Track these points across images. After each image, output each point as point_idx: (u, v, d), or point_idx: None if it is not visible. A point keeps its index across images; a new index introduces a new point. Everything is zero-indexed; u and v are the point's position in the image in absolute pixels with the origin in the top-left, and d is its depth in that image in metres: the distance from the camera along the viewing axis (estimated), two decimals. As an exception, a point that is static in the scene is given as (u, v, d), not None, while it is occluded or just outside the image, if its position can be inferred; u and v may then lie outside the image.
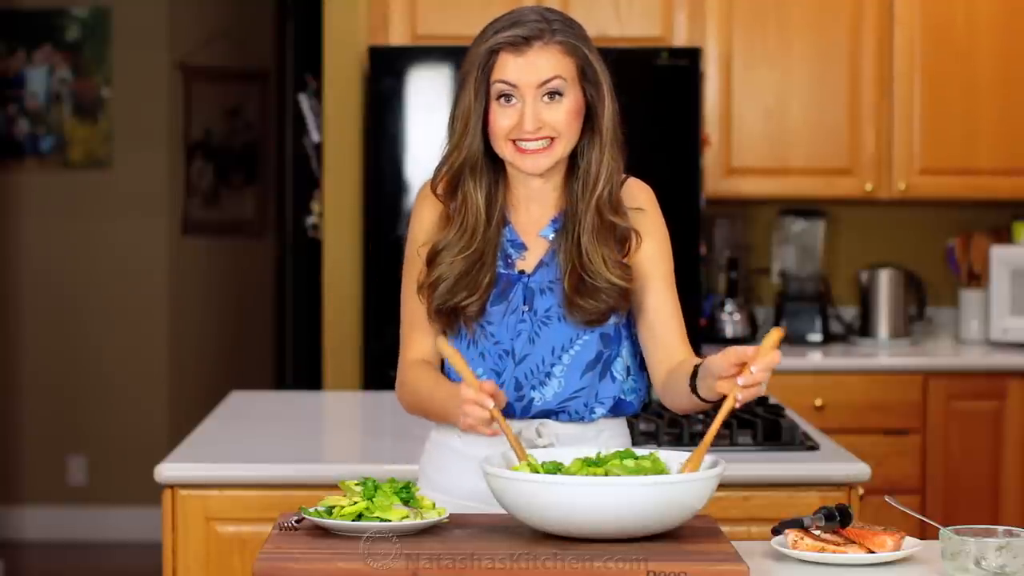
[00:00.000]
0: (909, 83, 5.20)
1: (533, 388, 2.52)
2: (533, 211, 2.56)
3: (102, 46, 6.80)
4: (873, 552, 2.33)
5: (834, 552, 2.32)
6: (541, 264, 2.55)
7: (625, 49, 4.93)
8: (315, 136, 5.36)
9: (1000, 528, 2.27)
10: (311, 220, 5.54)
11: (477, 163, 2.50)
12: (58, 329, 6.81)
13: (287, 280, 6.92)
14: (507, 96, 2.45)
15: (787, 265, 5.48)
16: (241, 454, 3.27)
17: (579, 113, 2.49)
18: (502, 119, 2.46)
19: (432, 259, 2.53)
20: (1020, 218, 5.43)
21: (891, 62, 5.20)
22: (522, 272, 2.55)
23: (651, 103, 4.88)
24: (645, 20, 5.10)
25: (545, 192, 2.56)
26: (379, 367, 4.87)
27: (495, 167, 2.54)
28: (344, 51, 5.12)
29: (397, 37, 5.07)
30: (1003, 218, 5.50)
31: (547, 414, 2.53)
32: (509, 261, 2.55)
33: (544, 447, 2.48)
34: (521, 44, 2.44)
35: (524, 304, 2.53)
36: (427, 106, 4.89)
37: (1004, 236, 5.45)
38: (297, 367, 6.76)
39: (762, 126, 5.21)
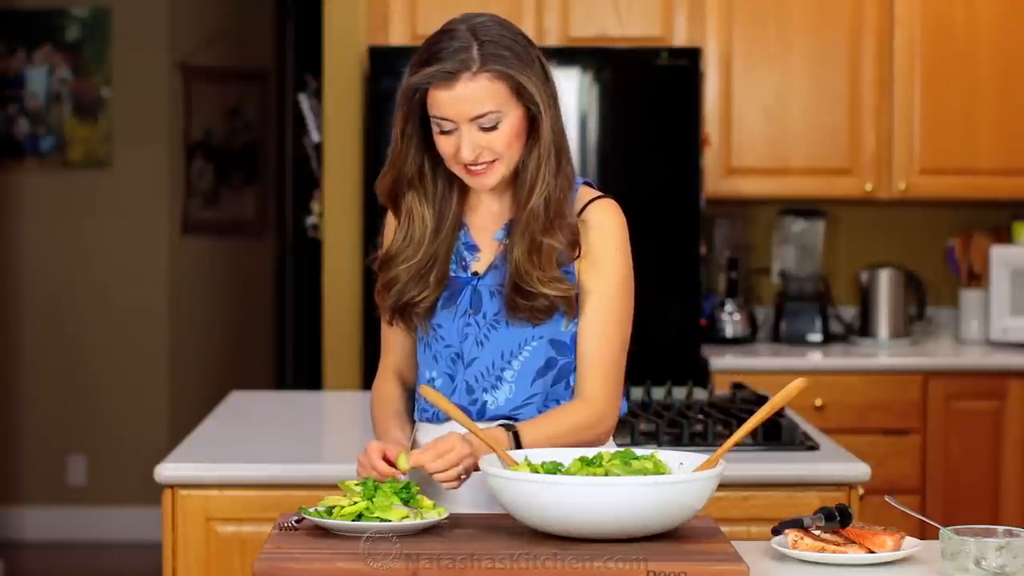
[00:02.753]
0: (909, 83, 5.20)
1: (485, 391, 2.52)
2: (488, 215, 2.58)
3: (102, 46, 6.80)
4: (873, 552, 2.33)
5: (834, 552, 2.32)
6: (493, 266, 2.54)
7: (625, 49, 4.94)
8: (315, 136, 5.36)
9: (1000, 528, 2.27)
10: (311, 220, 5.54)
11: (415, 179, 2.54)
12: (58, 329, 6.81)
13: (287, 280, 6.92)
14: (445, 127, 2.46)
15: (787, 265, 5.48)
16: (241, 454, 3.27)
17: (520, 132, 2.48)
18: (445, 146, 2.47)
19: (386, 263, 2.56)
20: (1020, 218, 5.43)
21: (891, 62, 5.20)
22: (475, 274, 2.55)
23: (651, 103, 4.88)
24: (645, 20, 5.10)
25: (497, 198, 2.57)
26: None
27: (448, 174, 2.54)
28: (344, 51, 5.12)
29: (397, 37, 5.07)
30: (1003, 218, 5.50)
31: (504, 419, 2.52)
32: (464, 263, 2.56)
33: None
34: (448, 79, 2.43)
35: (470, 308, 2.53)
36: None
37: (1004, 236, 5.45)
38: (297, 367, 6.76)
39: (762, 126, 5.21)
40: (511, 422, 2.48)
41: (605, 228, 2.52)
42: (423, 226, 2.54)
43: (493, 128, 2.45)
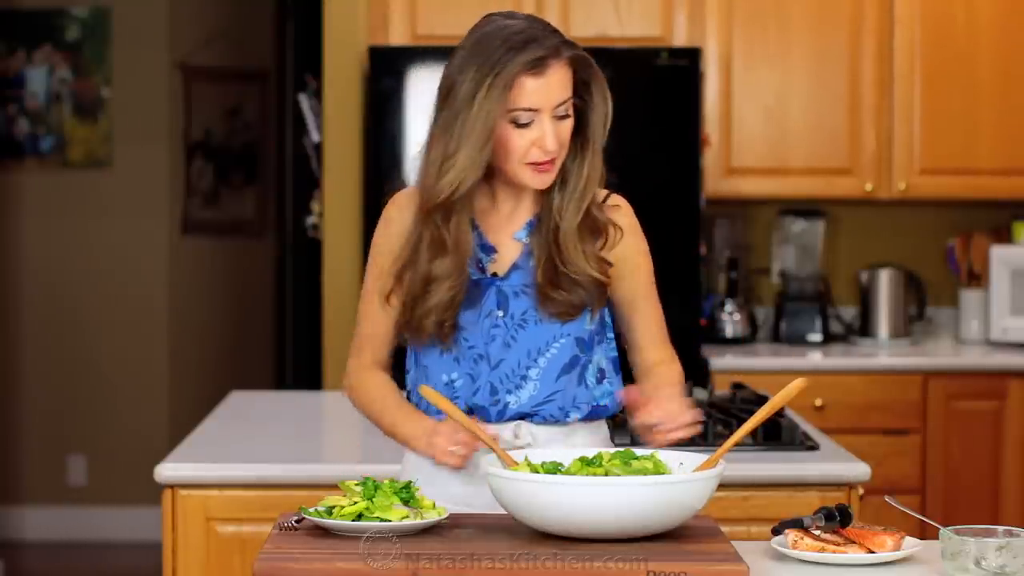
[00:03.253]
0: (909, 83, 5.20)
1: (508, 392, 2.51)
2: (503, 215, 2.53)
3: (102, 46, 6.80)
4: (873, 552, 2.33)
5: (834, 552, 2.32)
6: (515, 267, 2.52)
7: (625, 49, 4.93)
8: (315, 136, 5.36)
9: (1000, 528, 2.27)
10: (311, 220, 5.54)
11: (475, 185, 2.45)
12: (58, 329, 6.81)
13: (287, 280, 6.92)
14: (523, 119, 2.41)
15: (787, 265, 5.48)
16: (241, 454, 3.27)
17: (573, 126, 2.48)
18: (518, 141, 2.41)
19: (430, 285, 2.47)
20: (1020, 218, 5.42)
21: (891, 62, 5.20)
22: (495, 275, 2.52)
23: (651, 103, 4.87)
24: (645, 20, 5.10)
25: (513, 197, 2.53)
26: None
27: None
28: (344, 51, 5.12)
29: (397, 37, 5.07)
30: (1003, 218, 5.50)
31: (522, 417, 2.52)
32: (480, 265, 2.52)
33: (521, 447, 2.48)
34: (540, 66, 2.39)
35: (498, 309, 2.51)
36: (427, 106, 4.86)
37: (1004, 236, 5.45)
38: (297, 367, 6.76)
39: (762, 126, 5.21)
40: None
41: (628, 211, 2.58)
42: (467, 241, 2.46)
43: (565, 118, 2.44)
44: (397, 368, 2.64)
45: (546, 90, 2.40)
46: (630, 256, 2.56)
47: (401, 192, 2.59)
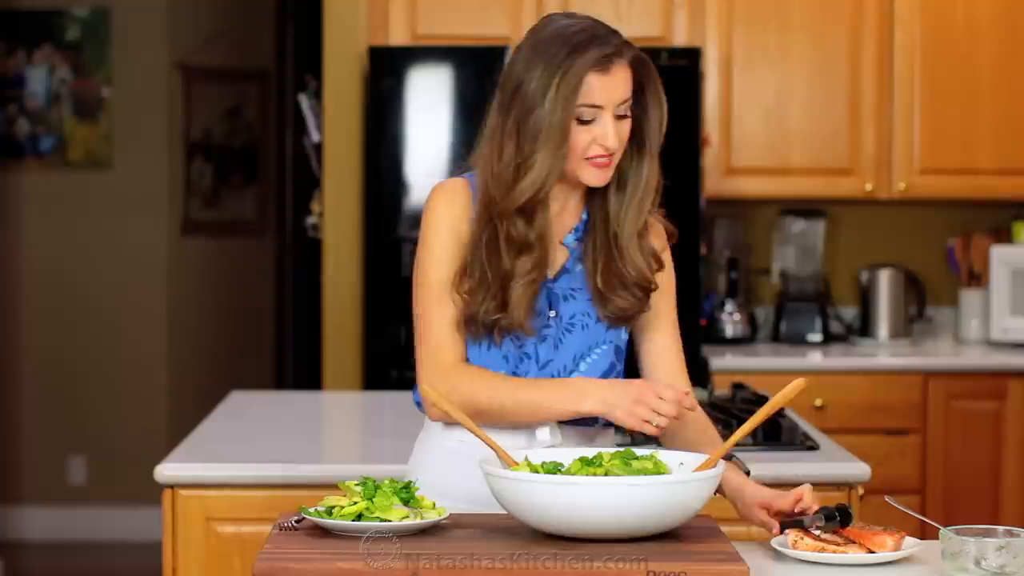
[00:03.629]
0: (909, 83, 5.20)
1: None
2: (554, 212, 2.53)
3: (102, 46, 6.80)
4: (873, 552, 2.33)
5: (834, 552, 2.32)
6: (564, 271, 2.54)
7: (625, 49, 4.93)
8: (315, 136, 5.37)
9: (1000, 528, 2.27)
10: (311, 220, 5.54)
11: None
12: (58, 329, 6.81)
13: (287, 280, 6.92)
14: (586, 116, 2.42)
15: (787, 265, 5.48)
16: (241, 454, 3.27)
17: None
18: (581, 137, 2.43)
19: (507, 281, 2.46)
20: (1020, 218, 5.43)
21: (891, 62, 5.20)
22: (545, 276, 2.54)
23: (651, 103, 4.87)
24: (645, 20, 5.10)
25: (572, 200, 2.54)
26: (379, 367, 4.87)
27: None
28: (344, 51, 5.12)
29: (397, 37, 5.07)
30: (1003, 218, 5.50)
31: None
32: None
33: (554, 447, 2.48)
34: (607, 63, 2.42)
35: (550, 310, 2.52)
36: (427, 106, 4.89)
37: (1004, 236, 5.45)
38: (297, 367, 6.76)
39: (762, 126, 5.21)
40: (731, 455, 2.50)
41: (663, 233, 2.60)
42: (548, 239, 2.48)
43: (624, 117, 2.46)
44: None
45: (610, 87, 2.43)
46: (664, 273, 2.59)
47: (447, 184, 2.55)
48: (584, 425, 2.54)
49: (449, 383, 2.46)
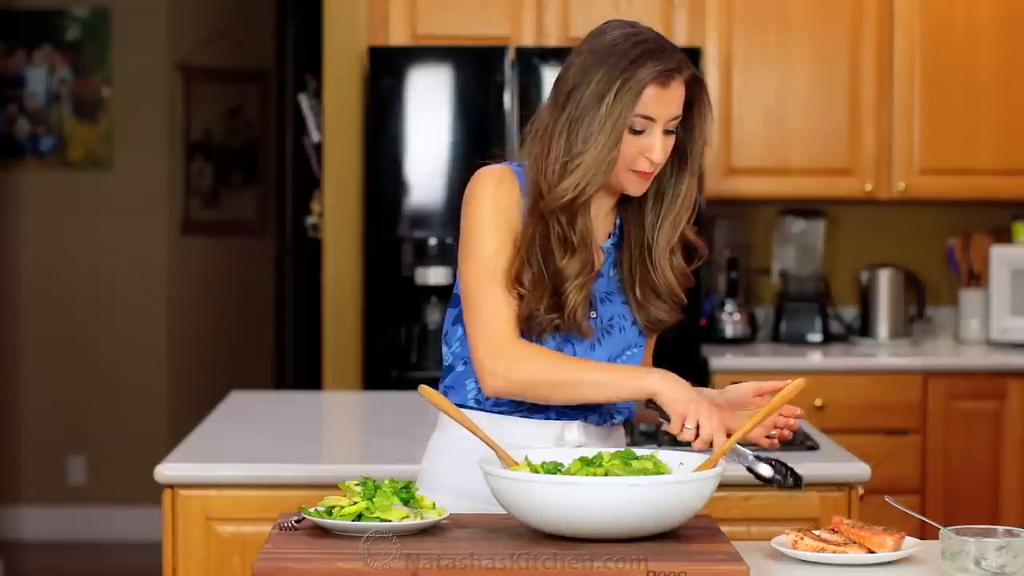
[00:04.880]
0: (909, 83, 5.20)
1: None
2: (594, 223, 2.55)
3: (102, 46, 6.80)
4: (873, 552, 2.33)
5: (834, 552, 2.32)
6: (599, 274, 2.56)
7: (625, 49, 4.93)
8: (315, 136, 5.37)
9: (1000, 528, 2.27)
10: (311, 220, 5.54)
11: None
12: (58, 329, 6.81)
13: (287, 280, 6.92)
14: (639, 126, 2.44)
15: (787, 265, 5.48)
16: (241, 454, 3.27)
17: None
18: (631, 147, 2.44)
19: (556, 284, 2.47)
20: (1020, 218, 5.43)
21: (891, 62, 5.20)
22: None
23: (651, 103, 4.87)
24: (645, 20, 4.99)
25: (606, 206, 2.57)
26: (379, 367, 4.86)
27: None
28: (344, 51, 5.12)
29: (397, 37, 5.07)
30: (1003, 218, 5.50)
31: (578, 414, 2.55)
32: None
33: (578, 446, 2.49)
34: (668, 77, 2.43)
35: (591, 310, 2.54)
36: (427, 106, 4.89)
37: (1004, 236, 5.45)
38: (297, 367, 6.77)
39: (762, 126, 5.21)
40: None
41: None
42: (592, 240, 2.50)
43: (672, 133, 2.48)
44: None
45: (667, 102, 2.44)
46: None
47: (494, 169, 2.53)
48: (601, 423, 2.56)
49: (507, 357, 2.45)
